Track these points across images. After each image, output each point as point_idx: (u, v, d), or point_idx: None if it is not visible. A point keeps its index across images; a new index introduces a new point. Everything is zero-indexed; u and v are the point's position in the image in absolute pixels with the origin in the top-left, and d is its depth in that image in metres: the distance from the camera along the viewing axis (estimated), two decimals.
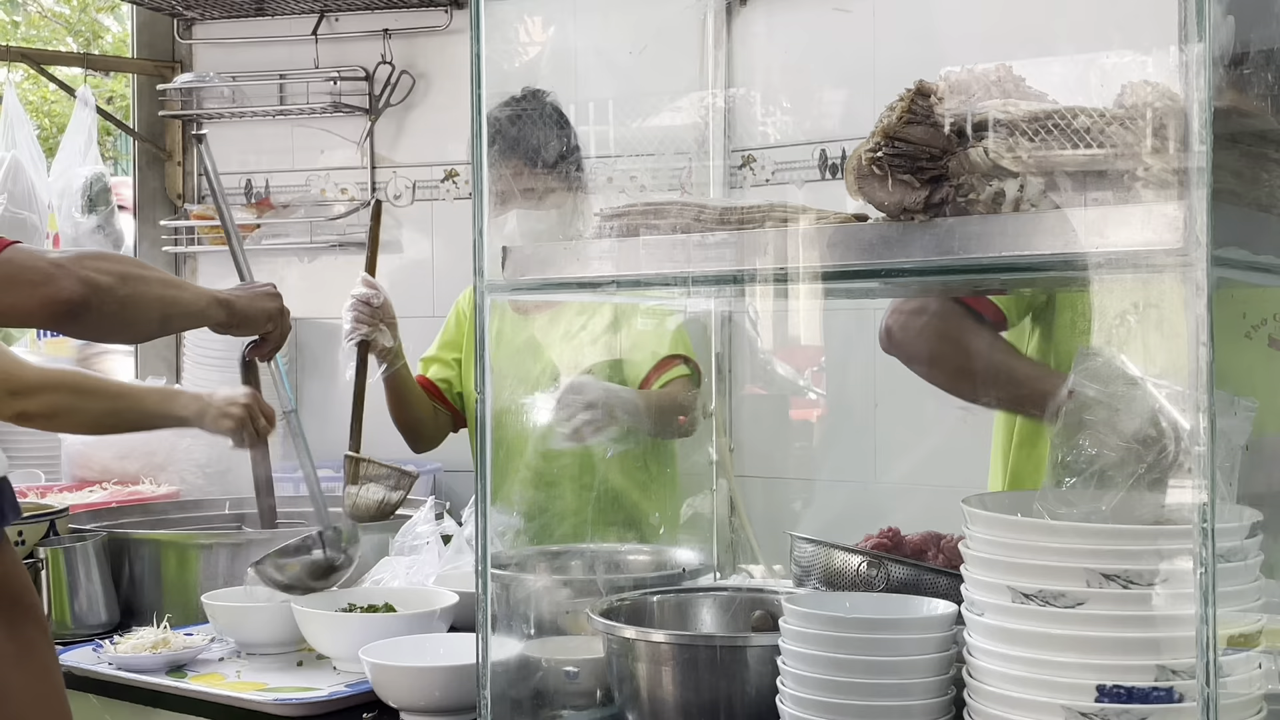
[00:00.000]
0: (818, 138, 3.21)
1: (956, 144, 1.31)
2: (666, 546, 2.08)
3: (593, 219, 1.64)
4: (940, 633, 1.38)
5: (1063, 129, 1.28)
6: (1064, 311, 1.94)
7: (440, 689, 1.68)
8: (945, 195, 1.30)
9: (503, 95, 2.33)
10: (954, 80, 1.37)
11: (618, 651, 1.58)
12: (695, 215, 1.54)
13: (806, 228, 1.41)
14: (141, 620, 2.14)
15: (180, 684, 1.88)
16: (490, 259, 1.63)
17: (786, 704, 1.40)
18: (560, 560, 2.02)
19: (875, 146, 1.33)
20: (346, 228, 3.78)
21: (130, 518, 2.49)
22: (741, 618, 1.72)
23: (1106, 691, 1.20)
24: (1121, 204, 1.21)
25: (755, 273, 1.49)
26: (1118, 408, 1.31)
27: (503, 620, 1.69)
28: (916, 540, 1.74)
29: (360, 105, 3.74)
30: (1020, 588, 1.24)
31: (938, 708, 1.37)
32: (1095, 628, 1.21)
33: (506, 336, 2.60)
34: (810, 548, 1.70)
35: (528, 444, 2.36)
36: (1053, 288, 1.85)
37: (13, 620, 0.85)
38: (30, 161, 3.55)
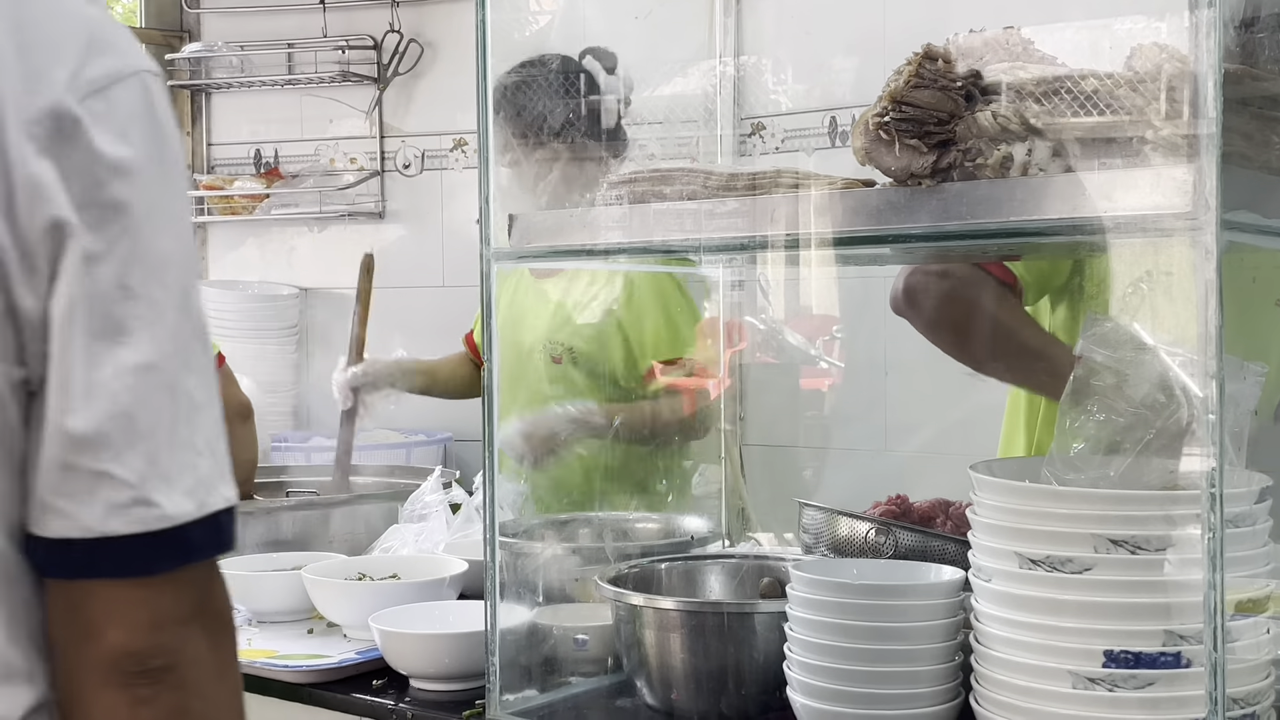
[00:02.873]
0: (828, 105, 3.20)
1: (964, 108, 1.30)
2: (675, 514, 2.09)
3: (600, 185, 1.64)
4: (947, 599, 1.38)
5: (1071, 92, 1.27)
6: (1089, 287, 1.88)
7: (449, 656, 1.68)
8: (953, 160, 1.29)
9: (509, 63, 2.35)
10: (962, 44, 1.36)
11: (626, 619, 1.58)
12: (702, 181, 1.54)
13: (812, 193, 1.40)
14: None
15: None
16: (497, 226, 1.63)
17: (794, 670, 1.40)
18: (568, 528, 2.02)
19: (882, 111, 1.32)
20: (356, 197, 3.77)
21: None
22: (750, 585, 1.73)
23: (1114, 657, 1.20)
24: (1131, 168, 1.20)
25: (763, 239, 1.48)
26: (1126, 373, 1.30)
27: (511, 588, 1.69)
28: (925, 507, 1.74)
29: (369, 74, 3.72)
30: (1027, 554, 1.24)
31: (945, 673, 1.37)
32: (1103, 593, 1.21)
33: (520, 300, 2.62)
34: (818, 515, 1.70)
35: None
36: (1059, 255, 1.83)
37: (218, 637, 0.89)
38: None
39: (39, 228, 0.81)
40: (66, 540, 0.84)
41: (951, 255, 1.84)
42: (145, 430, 0.84)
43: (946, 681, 1.37)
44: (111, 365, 0.82)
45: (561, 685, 1.69)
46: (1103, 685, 1.21)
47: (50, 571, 0.86)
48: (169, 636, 0.86)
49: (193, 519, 0.85)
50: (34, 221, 0.80)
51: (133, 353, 0.83)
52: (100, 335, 0.82)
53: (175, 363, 0.85)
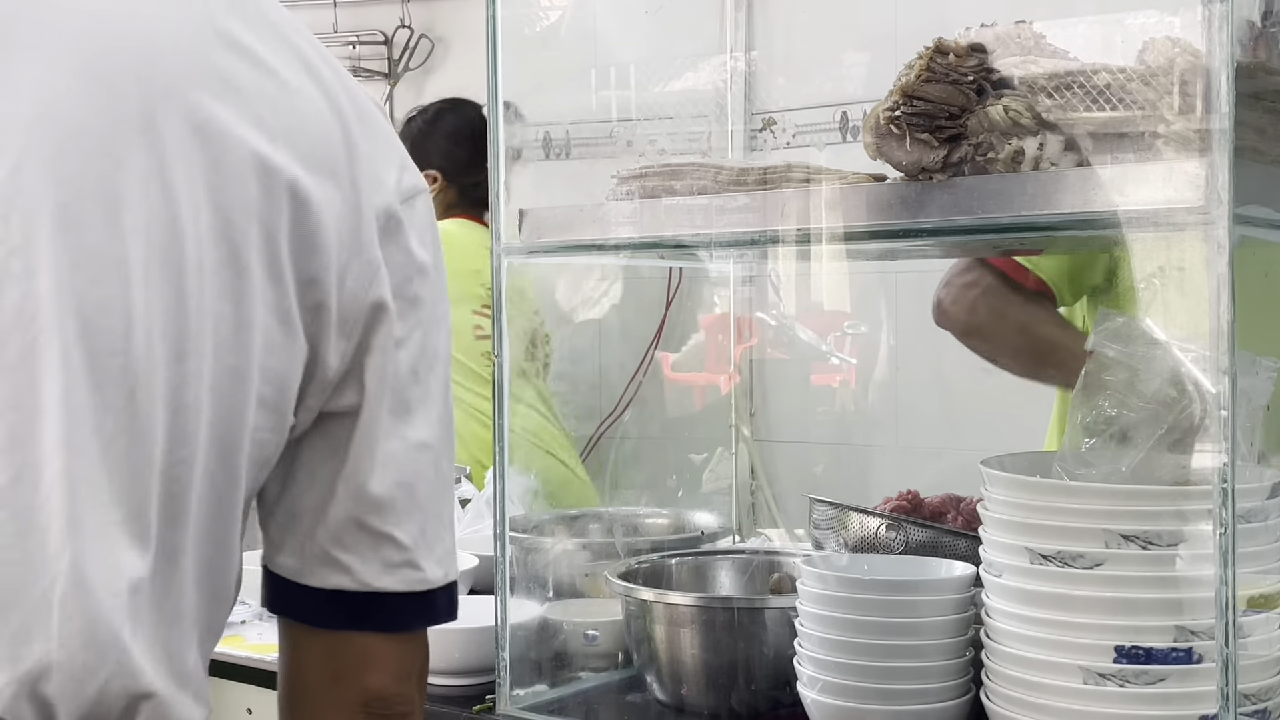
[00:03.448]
0: (839, 100, 3.19)
1: (975, 102, 1.30)
2: (685, 510, 2.09)
3: (609, 180, 1.64)
4: (958, 594, 1.38)
5: (1084, 87, 1.26)
6: (1116, 284, 1.90)
7: (459, 650, 1.68)
8: (964, 154, 1.29)
9: (520, 59, 2.40)
10: (972, 37, 1.35)
11: (636, 614, 1.58)
12: (712, 176, 1.54)
13: (823, 187, 1.40)
14: None
15: None
16: (507, 221, 1.63)
17: (804, 665, 1.40)
18: (578, 523, 2.02)
19: (893, 105, 1.32)
20: None
21: None
22: (760, 580, 1.73)
23: (1125, 652, 1.20)
24: (1143, 162, 1.20)
25: (775, 234, 1.48)
26: (1138, 368, 1.30)
27: (521, 583, 1.69)
28: (936, 503, 1.73)
29: (379, 70, 3.73)
30: (1038, 549, 1.24)
31: (955, 669, 1.37)
32: (1114, 588, 1.21)
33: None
34: (829, 510, 1.70)
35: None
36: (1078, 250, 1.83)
37: (425, 692, 1.01)
38: None
39: (367, 304, 0.91)
40: (340, 592, 0.93)
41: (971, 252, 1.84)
42: (421, 501, 0.95)
43: (957, 677, 1.37)
44: (400, 440, 0.93)
45: (571, 680, 1.69)
46: (1114, 681, 1.21)
47: (320, 621, 0.95)
48: (410, 687, 0.98)
49: (441, 585, 0.97)
50: (365, 297, 0.91)
51: (416, 431, 0.94)
52: (395, 412, 0.93)
53: (443, 444, 0.97)
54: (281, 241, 0.86)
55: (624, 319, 3.01)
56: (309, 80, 0.90)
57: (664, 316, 3.19)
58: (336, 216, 0.88)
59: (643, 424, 2.91)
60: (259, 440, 0.88)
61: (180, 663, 0.88)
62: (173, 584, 0.86)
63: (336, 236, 0.88)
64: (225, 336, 0.85)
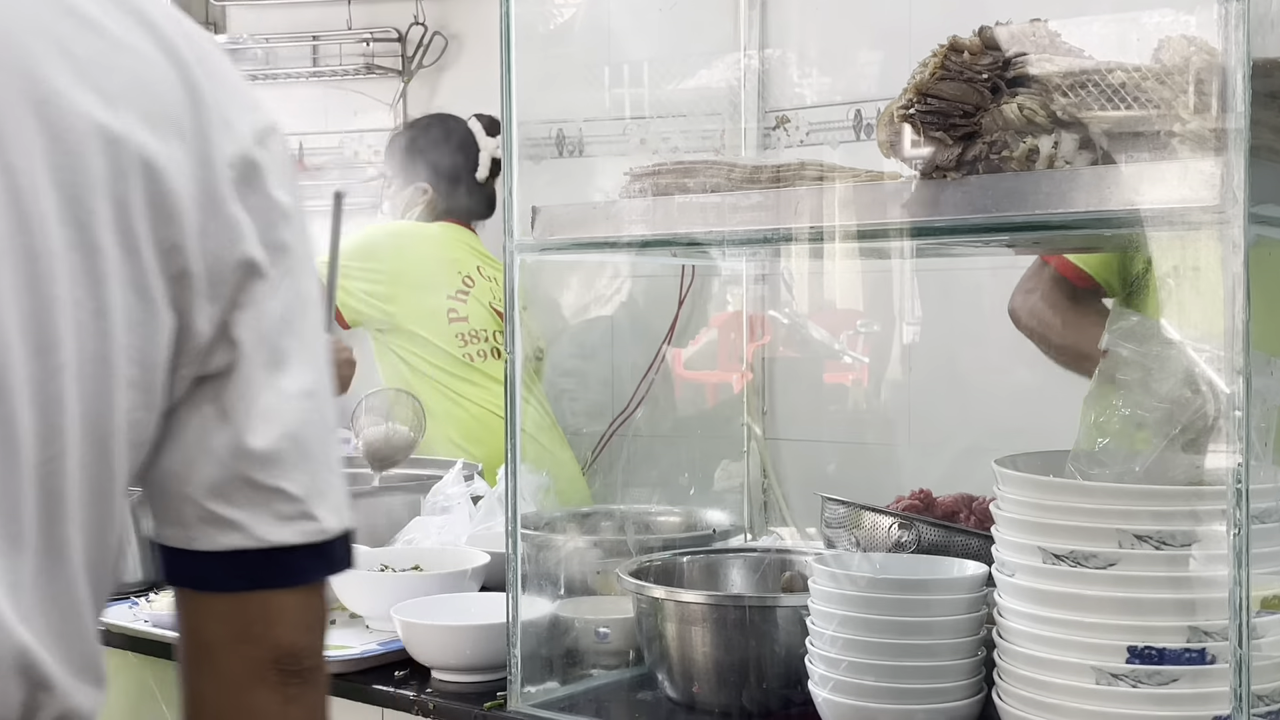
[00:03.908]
0: (853, 98, 3.18)
1: (990, 100, 1.29)
2: (697, 508, 2.09)
3: (622, 178, 1.64)
4: (970, 594, 1.37)
5: (1099, 85, 1.26)
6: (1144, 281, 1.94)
7: (471, 647, 1.69)
8: (978, 152, 1.29)
9: (534, 57, 2.43)
10: (987, 35, 1.35)
11: (648, 611, 1.58)
12: (725, 174, 1.54)
13: (836, 185, 1.40)
14: None
15: None
16: (520, 218, 1.63)
17: (815, 664, 1.40)
18: (590, 520, 2.02)
19: (907, 103, 1.32)
20: (380, 190, 3.79)
21: None
22: (771, 578, 1.72)
23: (1137, 653, 1.20)
24: (1158, 161, 1.19)
25: (788, 232, 1.48)
26: (1152, 368, 1.30)
27: (533, 580, 1.69)
28: (948, 502, 1.73)
29: (393, 67, 3.73)
30: (1051, 548, 1.24)
31: (967, 669, 1.36)
32: (1127, 589, 1.20)
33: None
34: (841, 509, 1.70)
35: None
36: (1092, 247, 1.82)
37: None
38: None
39: (232, 262, 0.88)
40: (236, 552, 0.90)
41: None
42: (309, 451, 0.91)
43: (969, 676, 1.36)
44: (278, 392, 0.90)
45: (583, 678, 1.69)
46: (1126, 681, 1.20)
47: (219, 585, 0.92)
48: (317, 638, 0.95)
49: (338, 534, 0.93)
50: (229, 256, 0.87)
51: (294, 381, 0.91)
52: (270, 365, 0.90)
53: (324, 390, 0.94)
54: (134, 214, 0.83)
55: (636, 316, 3.01)
56: (144, 35, 0.87)
57: (676, 314, 3.20)
58: (188, 177, 0.86)
59: (654, 422, 2.91)
60: (133, 421, 0.86)
61: (79, 652, 0.86)
62: (62, 577, 0.85)
63: (191, 198, 0.86)
64: (85, 322, 0.82)
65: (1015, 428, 2.19)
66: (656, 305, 3.17)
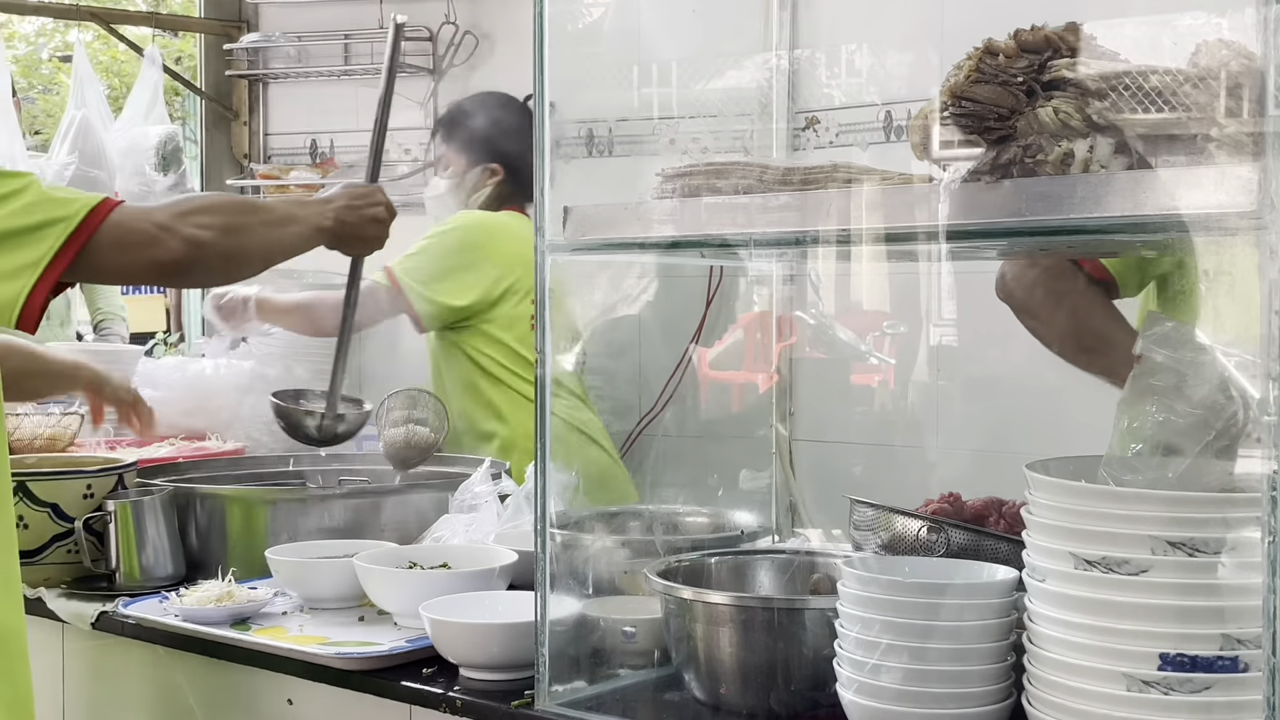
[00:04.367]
0: (883, 99, 3.18)
1: (1025, 104, 1.29)
2: (725, 509, 2.08)
3: (654, 178, 1.64)
4: (1000, 598, 1.37)
5: (1135, 89, 1.25)
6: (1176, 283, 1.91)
7: (499, 645, 1.69)
8: (1013, 156, 1.28)
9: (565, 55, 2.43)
10: (1023, 39, 1.34)
11: (676, 612, 1.58)
12: (758, 176, 1.54)
13: (870, 189, 1.40)
14: (207, 574, 2.18)
15: (244, 636, 1.90)
16: (551, 218, 1.63)
17: (844, 667, 1.40)
18: (617, 520, 2.02)
19: (942, 106, 1.32)
20: (410, 188, 3.79)
21: (196, 473, 2.52)
22: (799, 581, 1.72)
23: (1170, 660, 1.19)
24: (1194, 165, 1.18)
25: (817, 234, 1.48)
26: (1186, 374, 1.29)
27: (561, 579, 1.70)
28: (978, 506, 1.73)
29: (424, 65, 3.74)
30: (1083, 554, 1.23)
31: (996, 674, 1.36)
32: (1159, 595, 1.20)
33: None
34: (870, 512, 1.69)
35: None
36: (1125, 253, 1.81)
37: None
38: (100, 120, 3.60)
39: None
40: None
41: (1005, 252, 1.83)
42: None
43: (998, 681, 1.36)
44: None
45: (610, 677, 1.70)
46: (1158, 688, 1.20)
47: None
48: None
49: None
50: None
51: None
52: None
53: None
54: None
55: (663, 316, 3.02)
56: None
57: (704, 314, 3.20)
58: None
59: (682, 421, 2.92)
60: None
61: None
62: None
63: None
64: None
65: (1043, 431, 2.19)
66: (683, 305, 3.17)
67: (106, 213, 1.65)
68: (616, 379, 3.28)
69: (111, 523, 2.21)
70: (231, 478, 2.54)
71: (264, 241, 1.87)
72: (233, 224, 1.80)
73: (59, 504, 2.23)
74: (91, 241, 1.63)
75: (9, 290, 1.59)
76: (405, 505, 2.30)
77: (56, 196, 1.66)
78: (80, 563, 2.24)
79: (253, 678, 1.91)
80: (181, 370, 2.99)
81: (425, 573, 1.96)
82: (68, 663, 2.18)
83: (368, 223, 2.07)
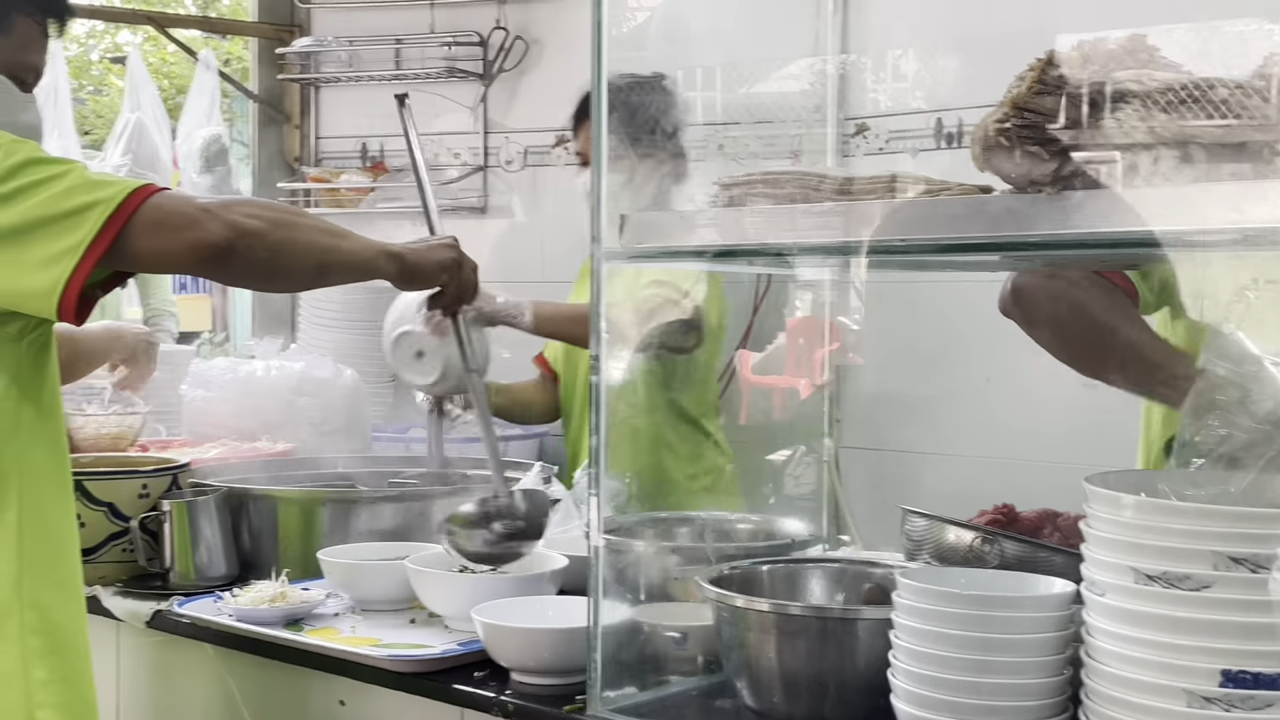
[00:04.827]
0: (932, 106, 3.17)
1: (1088, 116, 1.28)
2: (775, 516, 2.08)
3: (711, 187, 1.64)
4: (1058, 612, 1.36)
5: (1199, 101, 1.24)
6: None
7: (550, 650, 1.70)
8: (1075, 168, 1.28)
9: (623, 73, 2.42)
10: (1086, 50, 1.34)
11: (728, 620, 1.58)
12: (814, 185, 1.53)
13: (929, 199, 1.40)
14: (259, 574, 2.20)
15: (297, 637, 1.92)
16: (608, 225, 1.63)
17: (899, 678, 1.39)
18: (668, 526, 2.03)
19: (1003, 117, 1.31)
20: (459, 192, 3.82)
21: (247, 474, 2.55)
22: (851, 590, 1.72)
23: (1231, 676, 1.18)
24: (1261, 179, 1.18)
25: (875, 244, 1.47)
26: (1249, 388, 1.28)
27: (612, 585, 1.70)
28: (1032, 517, 1.72)
29: (474, 70, 3.76)
30: (1144, 569, 1.22)
31: (1053, 687, 1.35)
32: (1221, 611, 1.19)
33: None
34: (923, 522, 1.69)
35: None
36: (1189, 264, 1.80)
37: None
38: (154, 123, 3.64)
39: None
40: None
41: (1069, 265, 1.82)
42: None
43: (1055, 695, 1.35)
44: None
45: (661, 684, 1.70)
46: (1219, 705, 1.19)
47: None
48: None
49: None
50: None
51: None
52: None
53: None
54: None
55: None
56: None
57: (751, 320, 3.19)
58: None
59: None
60: None
61: None
62: None
63: None
64: None
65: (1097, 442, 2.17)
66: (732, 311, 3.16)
67: (147, 195, 1.58)
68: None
69: (167, 522, 2.24)
70: (281, 478, 2.56)
71: (317, 245, 1.72)
72: (284, 219, 1.69)
73: (115, 503, 2.26)
74: (130, 224, 1.56)
75: (49, 276, 1.54)
76: (455, 508, 2.31)
77: (97, 180, 1.60)
78: (135, 561, 2.27)
79: (305, 678, 1.93)
80: (233, 372, 3.02)
81: (477, 577, 1.97)
82: (123, 660, 2.20)
83: (436, 252, 1.89)
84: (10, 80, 1.73)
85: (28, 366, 1.68)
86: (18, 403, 1.66)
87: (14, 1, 1.73)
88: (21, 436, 1.67)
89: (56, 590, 1.68)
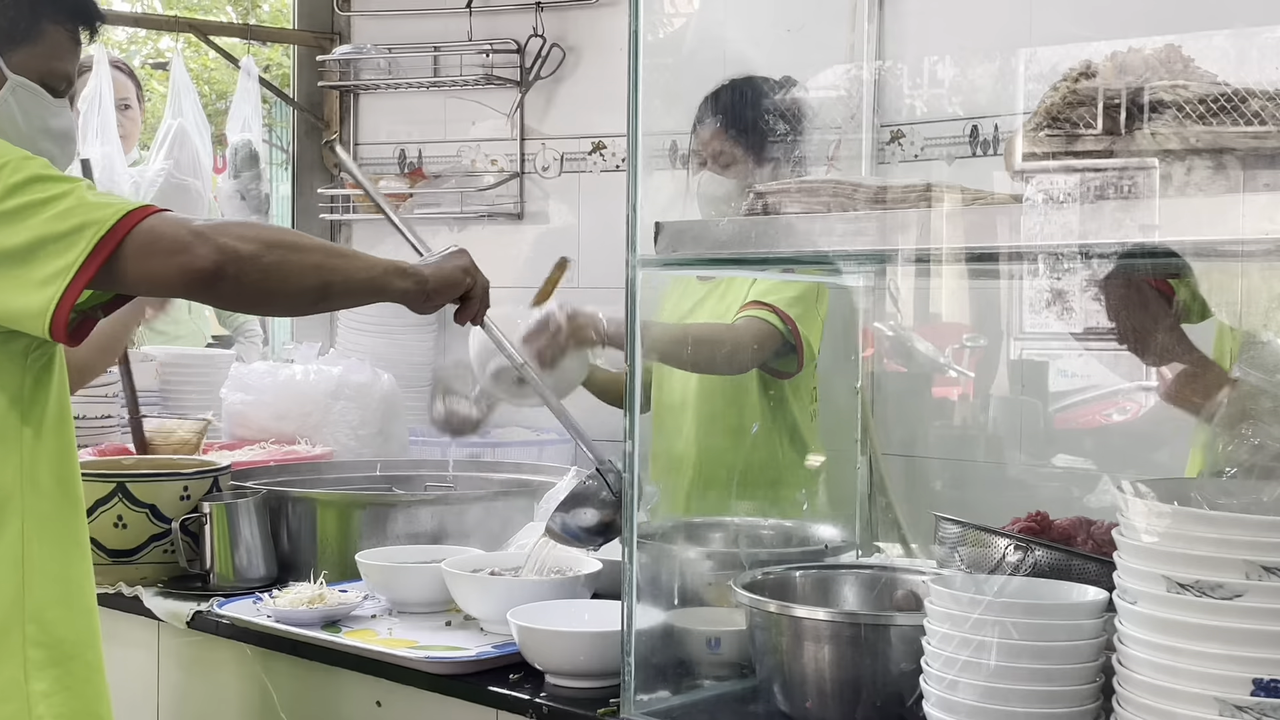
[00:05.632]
0: (968, 113, 3.16)
1: (1122, 126, 1.29)
2: (808, 522, 2.09)
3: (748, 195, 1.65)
4: (1091, 619, 1.37)
5: (1233, 112, 1.25)
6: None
7: (585, 654, 1.72)
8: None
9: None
10: (1120, 60, 1.34)
11: (762, 625, 1.60)
12: (850, 194, 1.55)
13: (964, 209, 1.40)
14: (297, 576, 2.22)
15: (334, 638, 1.94)
16: (644, 233, 1.65)
17: (931, 684, 1.40)
18: (702, 532, 2.04)
19: (1038, 126, 1.32)
20: (495, 198, 3.84)
21: (286, 476, 2.58)
22: (884, 596, 1.72)
23: (1263, 685, 1.18)
24: None
25: (910, 252, 1.48)
26: None
27: (647, 589, 1.71)
28: (1066, 525, 1.72)
29: (511, 77, 3.79)
30: (1176, 577, 1.23)
31: (1085, 694, 1.36)
32: (1254, 620, 1.19)
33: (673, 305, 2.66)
34: (955, 529, 1.69)
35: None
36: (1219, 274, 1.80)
37: None
38: (195, 129, 3.67)
39: None
40: None
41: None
42: None
43: (1087, 703, 1.36)
44: None
45: (693, 688, 1.71)
46: (1251, 714, 1.19)
47: None
48: None
49: None
50: None
51: None
52: None
53: None
54: None
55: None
56: None
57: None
58: None
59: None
60: None
61: None
62: None
63: None
64: None
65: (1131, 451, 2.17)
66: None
67: (142, 218, 1.57)
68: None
69: (207, 524, 2.27)
70: (320, 481, 2.59)
71: (317, 266, 1.67)
72: (281, 241, 1.65)
73: (157, 505, 2.29)
74: (121, 247, 1.55)
75: (43, 297, 1.54)
76: (490, 512, 2.33)
77: (95, 201, 1.59)
78: (176, 562, 2.30)
79: (342, 679, 1.95)
80: (272, 375, 3.05)
81: (513, 580, 1.98)
82: (163, 659, 2.24)
83: (451, 259, 1.86)
84: (42, 88, 1.74)
85: (30, 385, 1.67)
86: (19, 421, 1.66)
87: (44, 9, 1.73)
88: (23, 454, 1.66)
89: (61, 605, 1.68)
